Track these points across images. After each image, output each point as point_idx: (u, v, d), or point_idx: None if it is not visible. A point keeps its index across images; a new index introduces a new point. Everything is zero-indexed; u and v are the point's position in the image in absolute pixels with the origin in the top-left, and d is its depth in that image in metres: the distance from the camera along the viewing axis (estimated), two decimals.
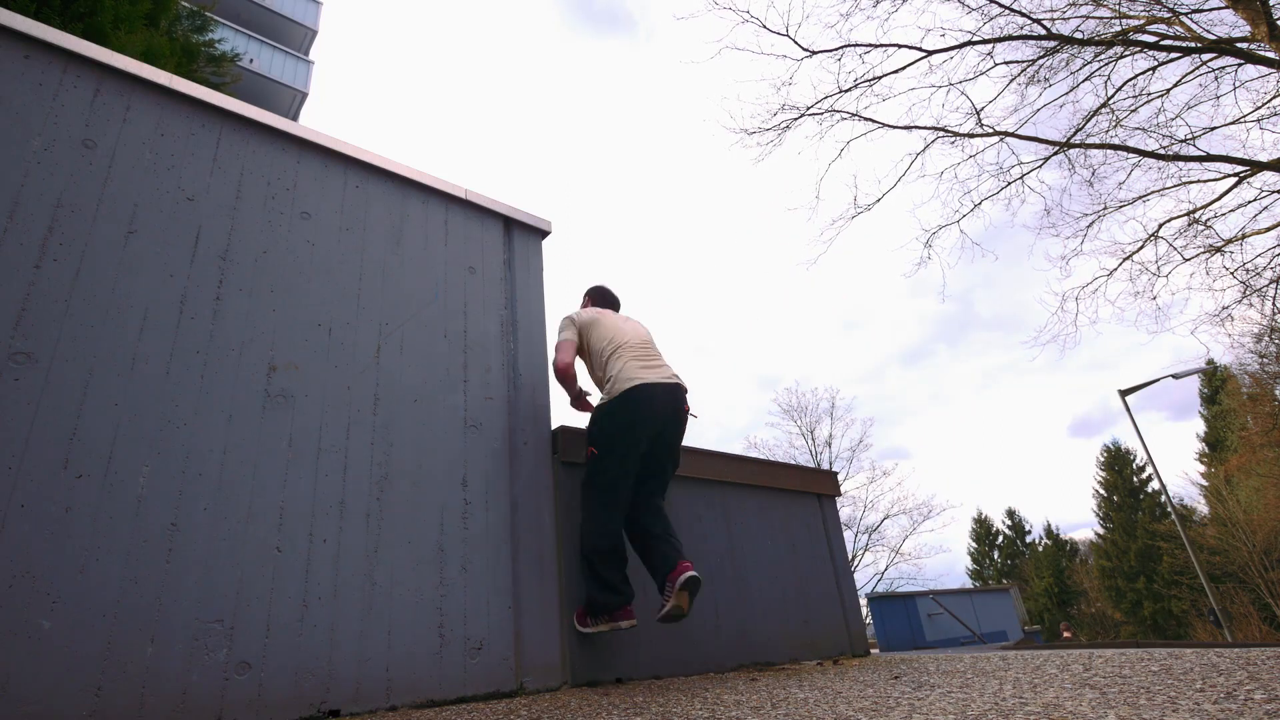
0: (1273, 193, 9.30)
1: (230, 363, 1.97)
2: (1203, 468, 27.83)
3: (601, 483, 2.48)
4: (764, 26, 10.31)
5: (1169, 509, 15.21)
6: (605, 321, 2.78)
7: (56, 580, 1.54)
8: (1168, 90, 9.42)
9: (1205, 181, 9.68)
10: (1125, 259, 10.49)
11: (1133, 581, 30.12)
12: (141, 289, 1.89)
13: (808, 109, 10.60)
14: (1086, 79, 9.71)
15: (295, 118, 15.80)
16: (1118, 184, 10.46)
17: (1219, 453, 26.66)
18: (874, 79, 10.27)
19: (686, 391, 2.67)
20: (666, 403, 2.55)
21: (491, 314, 2.71)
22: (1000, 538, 38.23)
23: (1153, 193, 10.02)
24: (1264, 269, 9.71)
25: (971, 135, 10.46)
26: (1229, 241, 9.76)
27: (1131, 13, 9.04)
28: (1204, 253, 9.96)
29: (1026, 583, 34.25)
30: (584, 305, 3.10)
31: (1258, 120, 9.18)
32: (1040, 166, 10.42)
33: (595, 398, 2.75)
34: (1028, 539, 37.62)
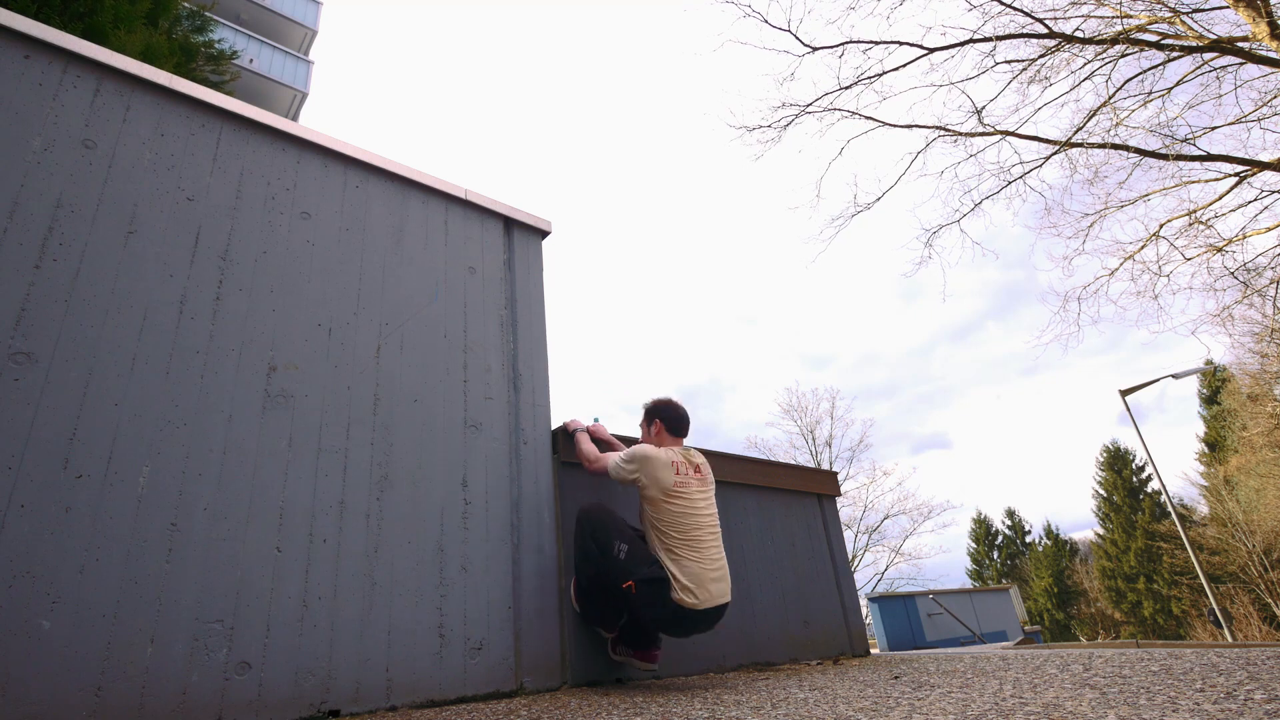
0: (1273, 193, 9.30)
1: (230, 363, 1.97)
2: (1203, 468, 27.81)
3: (617, 593, 2.32)
4: (765, 21, 10.28)
5: (1169, 509, 15.21)
6: (690, 494, 2.38)
7: (56, 580, 1.54)
8: (1169, 89, 9.42)
9: (1206, 181, 9.68)
10: (1127, 258, 10.49)
11: (1133, 582, 30.11)
12: (141, 289, 1.89)
13: (807, 106, 10.59)
14: (1087, 78, 9.71)
15: (295, 118, 15.80)
16: (1119, 183, 10.45)
17: (1219, 453, 26.65)
18: (874, 76, 10.27)
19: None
20: (712, 619, 2.35)
21: (491, 314, 2.71)
22: (1000, 538, 38.22)
23: (1154, 192, 10.02)
24: (1264, 269, 9.71)
25: (972, 134, 10.46)
26: (1229, 241, 9.75)
27: (1133, 12, 9.03)
28: (1205, 252, 9.96)
29: (1026, 583, 34.25)
30: (651, 429, 2.61)
31: (1258, 120, 9.17)
32: (1041, 166, 10.42)
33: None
34: (1027, 539, 37.63)
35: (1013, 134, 10.26)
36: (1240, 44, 8.71)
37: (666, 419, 2.57)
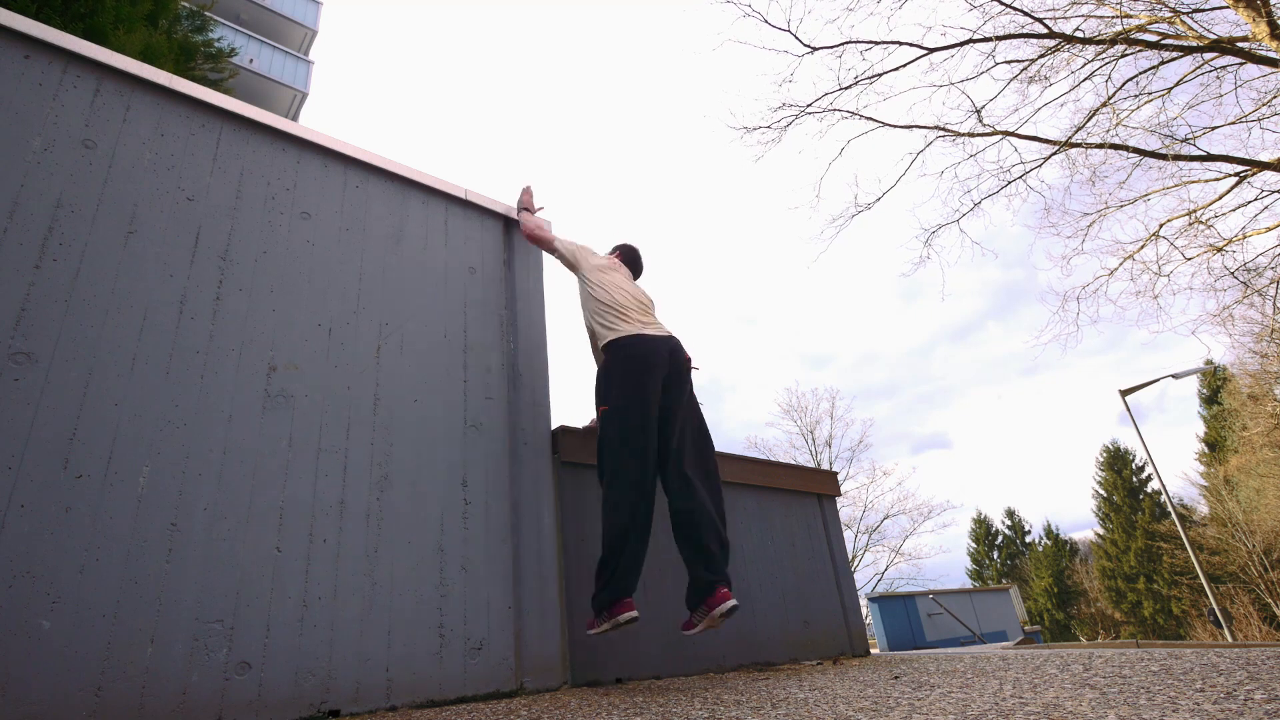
0: (1273, 192, 9.30)
1: (230, 363, 1.97)
2: (1203, 468, 27.81)
3: (621, 435, 2.33)
4: (765, 21, 10.27)
5: (1169, 509, 15.20)
6: (616, 275, 2.76)
7: (56, 580, 1.54)
8: (1169, 90, 9.42)
9: (1206, 181, 9.68)
10: (1126, 258, 10.49)
11: (1133, 582, 30.11)
12: (141, 289, 1.89)
13: (807, 107, 10.59)
14: (1087, 78, 9.71)
15: (295, 118, 15.80)
16: (1118, 183, 10.44)
17: (1219, 453, 26.64)
18: (874, 76, 10.26)
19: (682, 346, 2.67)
20: (669, 351, 2.53)
21: (491, 314, 2.71)
22: (1000, 538, 38.22)
23: (1154, 192, 10.02)
24: (1264, 269, 9.71)
25: (972, 134, 10.46)
26: (1229, 241, 9.75)
27: (1133, 12, 9.03)
28: (1205, 252, 9.96)
29: (1026, 583, 34.25)
30: (611, 253, 3.06)
31: (1258, 120, 9.17)
32: (1041, 165, 10.42)
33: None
34: (1027, 539, 37.63)
35: (1012, 134, 10.26)
36: (1240, 44, 8.71)
37: (624, 251, 3.04)
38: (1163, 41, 9.21)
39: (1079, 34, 9.36)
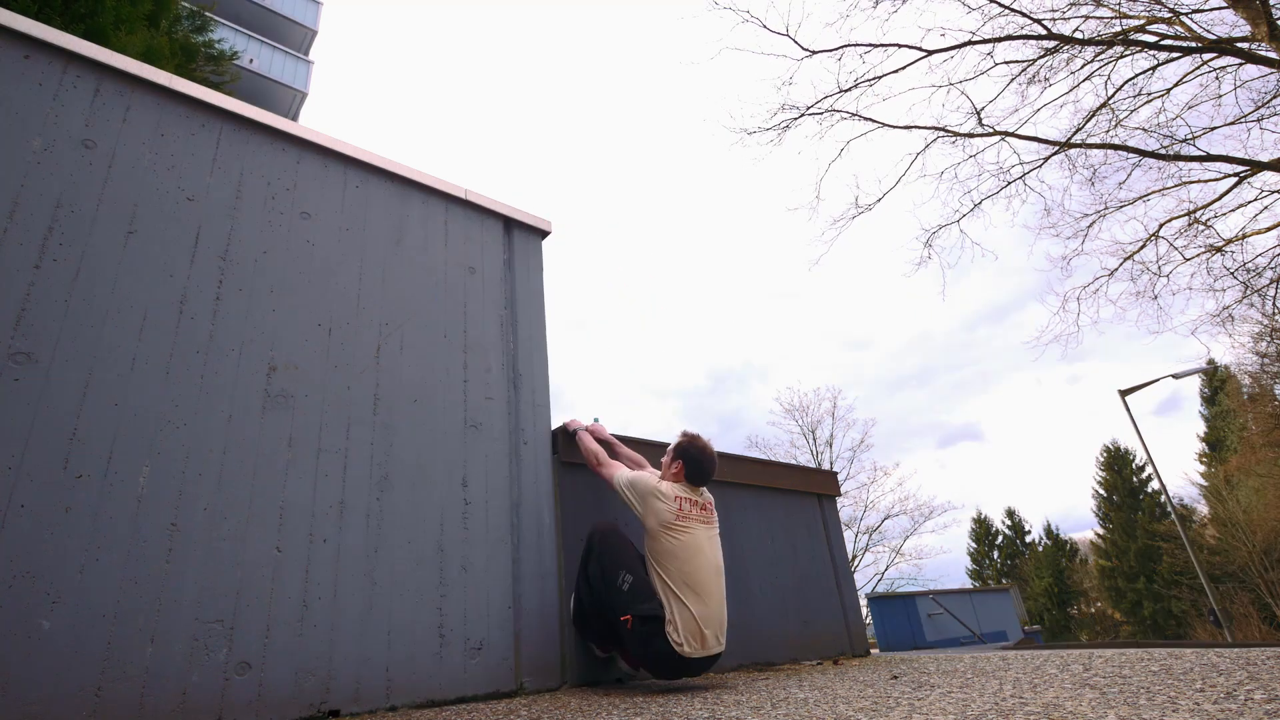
0: (1273, 193, 9.30)
1: (230, 363, 1.97)
2: (1203, 468, 27.82)
3: (614, 623, 2.24)
4: (764, 26, 10.30)
5: (1169, 509, 15.21)
6: (691, 529, 2.28)
7: (56, 580, 1.54)
8: (1168, 90, 9.43)
9: (1205, 181, 9.68)
10: (1126, 259, 10.50)
11: (1133, 581, 30.12)
12: (141, 289, 1.89)
13: (808, 108, 10.60)
14: (1087, 79, 9.72)
15: (295, 118, 15.81)
16: (1118, 184, 10.45)
17: (1219, 453, 26.65)
18: (874, 79, 10.28)
19: None
20: (704, 667, 2.25)
21: (491, 314, 2.71)
22: (1000, 538, 38.21)
23: (1153, 192, 10.03)
24: (1264, 269, 9.71)
25: (972, 135, 10.46)
26: (1229, 241, 9.76)
27: (1132, 13, 9.04)
28: (1204, 252, 9.96)
29: (1026, 583, 34.24)
30: (673, 466, 2.43)
31: (1258, 120, 9.18)
32: (1040, 166, 10.43)
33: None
34: (1027, 539, 37.62)
35: (1012, 135, 10.27)
36: (1240, 44, 8.72)
37: (689, 465, 2.40)
38: (1161, 42, 9.21)
39: (1078, 35, 9.36)
